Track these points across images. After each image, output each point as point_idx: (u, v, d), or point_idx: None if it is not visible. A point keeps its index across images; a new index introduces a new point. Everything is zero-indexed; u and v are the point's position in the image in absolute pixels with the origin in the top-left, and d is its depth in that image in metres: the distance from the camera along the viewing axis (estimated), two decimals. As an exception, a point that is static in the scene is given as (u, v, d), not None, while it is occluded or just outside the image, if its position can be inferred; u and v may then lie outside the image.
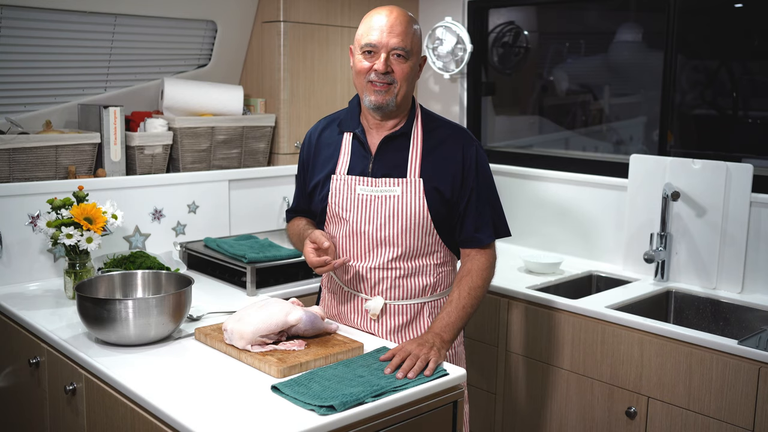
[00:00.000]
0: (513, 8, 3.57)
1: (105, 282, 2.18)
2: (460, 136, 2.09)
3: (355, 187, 2.07)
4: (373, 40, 1.99)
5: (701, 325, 2.67)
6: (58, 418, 2.10)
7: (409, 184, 2.03)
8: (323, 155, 2.16)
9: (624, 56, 3.40)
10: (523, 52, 3.64)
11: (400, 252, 2.05)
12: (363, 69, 2.02)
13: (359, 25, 2.06)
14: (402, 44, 1.99)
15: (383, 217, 2.04)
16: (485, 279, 2.07)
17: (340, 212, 2.10)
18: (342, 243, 2.11)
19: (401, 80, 2.02)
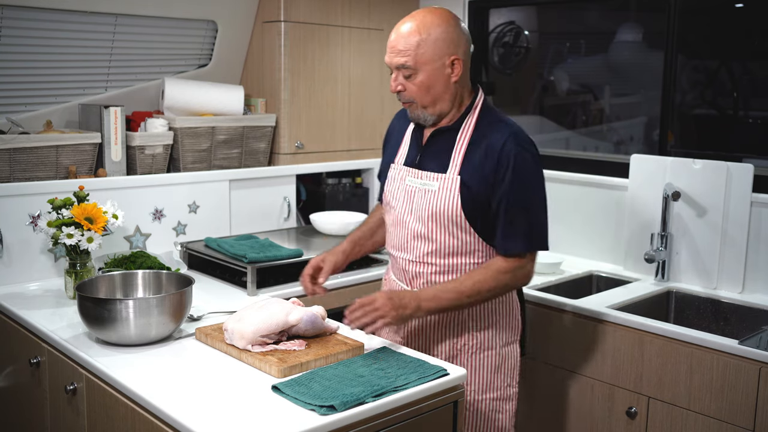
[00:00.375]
0: (513, 8, 3.57)
1: (105, 282, 2.18)
2: (506, 136, 1.98)
3: (405, 177, 2.11)
4: (386, 60, 2.04)
5: (702, 325, 2.67)
6: (59, 418, 2.10)
7: (446, 180, 2.01)
8: (392, 142, 2.23)
9: (624, 56, 3.40)
10: (523, 52, 3.64)
11: (435, 247, 2.04)
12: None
13: None
14: (403, 61, 1.97)
15: (422, 210, 2.04)
16: (498, 281, 1.98)
17: (391, 200, 2.14)
18: (390, 231, 2.16)
19: (418, 96, 2.00)
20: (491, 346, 2.10)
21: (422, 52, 1.95)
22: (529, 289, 2.75)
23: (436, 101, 2.01)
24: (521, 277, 2.03)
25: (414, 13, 2.01)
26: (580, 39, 3.58)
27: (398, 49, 1.97)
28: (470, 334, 2.08)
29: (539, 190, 2.03)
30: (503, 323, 2.12)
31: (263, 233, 3.08)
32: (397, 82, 2.01)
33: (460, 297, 1.96)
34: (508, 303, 2.14)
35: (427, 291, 1.98)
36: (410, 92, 2.00)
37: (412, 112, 2.06)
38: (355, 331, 2.08)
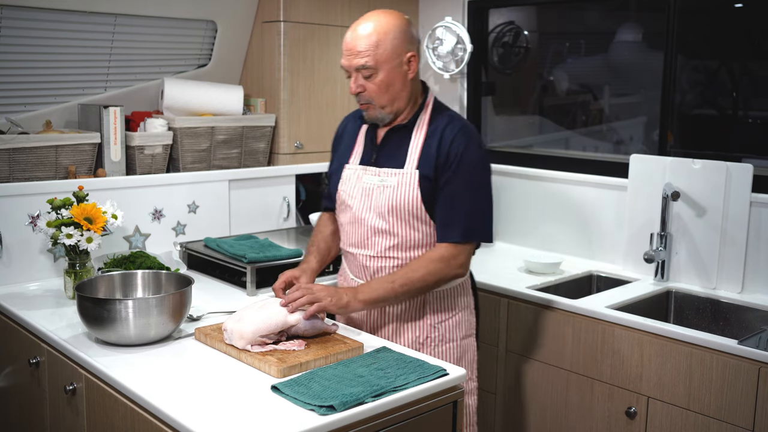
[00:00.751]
0: (513, 8, 3.57)
1: (105, 282, 2.18)
2: (456, 130, 2.08)
3: (362, 176, 2.15)
4: (342, 64, 2.09)
5: (701, 325, 2.67)
6: (58, 418, 2.10)
7: (405, 175, 2.08)
8: (343, 146, 2.27)
9: (624, 56, 3.40)
10: (523, 52, 3.64)
11: (397, 241, 2.10)
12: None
13: None
14: (363, 62, 2.03)
15: (381, 206, 2.10)
16: (428, 269, 2.02)
17: (346, 199, 2.18)
18: (347, 230, 2.20)
19: (377, 95, 2.06)
20: (452, 338, 2.18)
21: (382, 51, 2.02)
22: (529, 289, 2.75)
23: (394, 100, 2.08)
24: (455, 267, 2.06)
25: (367, 15, 2.08)
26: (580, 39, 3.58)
27: (357, 50, 2.03)
28: (432, 327, 2.16)
29: (483, 184, 2.11)
30: (461, 316, 2.20)
31: (263, 233, 3.08)
32: (357, 84, 2.07)
33: (393, 285, 2.02)
34: (465, 294, 2.22)
35: (362, 284, 2.06)
36: (370, 92, 2.07)
37: (369, 113, 2.11)
38: (355, 331, 2.09)
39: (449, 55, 3.43)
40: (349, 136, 2.26)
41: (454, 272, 2.07)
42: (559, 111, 3.65)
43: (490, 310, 2.81)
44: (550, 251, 3.26)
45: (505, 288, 2.77)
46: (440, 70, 3.48)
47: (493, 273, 2.94)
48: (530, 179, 3.31)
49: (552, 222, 3.26)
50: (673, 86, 2.95)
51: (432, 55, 3.48)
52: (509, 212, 3.39)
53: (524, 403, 2.76)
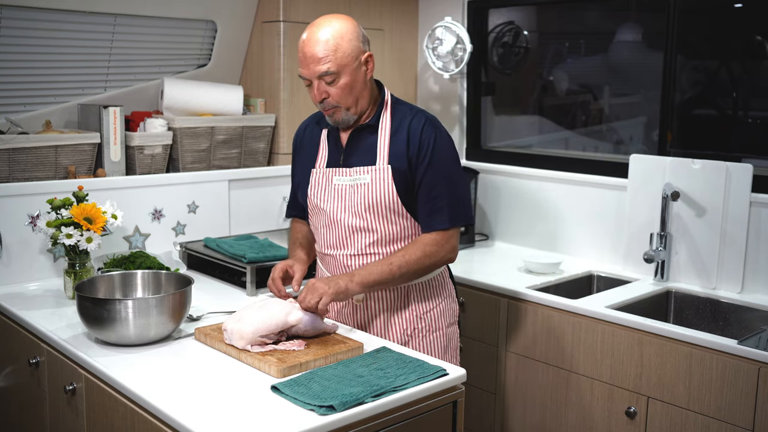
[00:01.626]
0: (513, 8, 3.57)
1: (105, 282, 2.18)
2: (421, 119, 2.13)
3: (331, 178, 2.17)
4: (302, 74, 2.09)
5: (701, 325, 2.67)
6: (58, 418, 2.10)
7: (378, 171, 2.10)
8: (306, 153, 2.29)
9: (624, 56, 3.40)
10: (523, 52, 3.64)
11: (376, 237, 2.13)
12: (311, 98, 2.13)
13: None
14: (325, 68, 2.04)
15: (356, 205, 2.12)
16: (425, 252, 2.09)
17: (319, 203, 2.20)
18: (322, 233, 2.22)
19: (342, 98, 2.08)
20: (438, 327, 2.23)
21: (341, 55, 2.04)
22: (529, 289, 2.75)
23: (357, 100, 2.11)
24: (448, 250, 2.13)
25: (317, 22, 2.09)
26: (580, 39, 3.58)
27: (318, 57, 2.03)
28: (418, 317, 2.19)
29: (457, 170, 2.16)
30: (446, 304, 2.25)
31: (262, 233, 3.08)
32: (321, 90, 2.08)
33: (391, 267, 2.06)
34: (446, 283, 2.27)
35: (361, 268, 2.09)
36: (334, 97, 2.08)
37: (335, 117, 2.13)
38: (355, 331, 2.10)
39: (449, 55, 3.43)
40: (310, 143, 2.27)
41: (448, 255, 2.13)
42: (559, 111, 3.64)
43: (490, 310, 2.81)
44: (550, 251, 3.26)
45: (505, 288, 2.77)
46: (440, 70, 3.48)
47: (493, 273, 2.94)
48: (530, 179, 3.31)
49: (552, 222, 3.26)
50: (673, 86, 2.95)
51: (432, 55, 3.48)
52: (509, 212, 3.39)
53: (524, 403, 2.76)
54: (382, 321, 2.19)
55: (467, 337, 2.89)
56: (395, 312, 2.19)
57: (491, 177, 3.45)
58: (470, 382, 2.84)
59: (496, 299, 2.79)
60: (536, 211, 3.31)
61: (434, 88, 3.66)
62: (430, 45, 3.47)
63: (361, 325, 2.21)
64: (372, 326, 2.20)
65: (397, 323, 2.19)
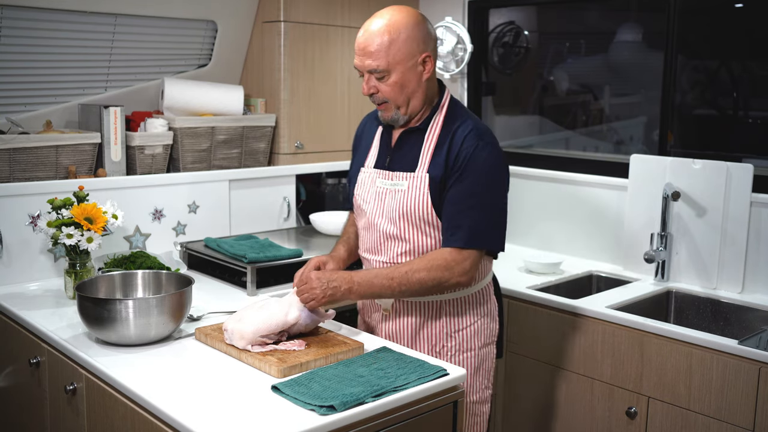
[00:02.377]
0: (513, 8, 3.57)
1: (105, 282, 2.18)
2: (467, 132, 1.99)
3: (375, 180, 2.10)
4: (355, 64, 2.02)
5: (701, 325, 2.67)
6: (58, 418, 2.10)
7: (415, 179, 2.01)
8: (361, 148, 2.22)
9: (624, 56, 3.40)
10: (523, 52, 3.64)
11: (409, 247, 2.04)
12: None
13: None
14: (375, 65, 1.96)
15: (392, 211, 2.04)
16: (430, 273, 1.94)
17: (361, 204, 2.14)
18: (362, 235, 2.16)
19: (391, 96, 2.00)
20: (470, 348, 2.11)
21: (395, 52, 1.95)
22: (529, 289, 2.75)
23: (409, 100, 2.01)
24: (458, 274, 1.96)
25: (381, 12, 1.99)
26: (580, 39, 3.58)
27: (369, 51, 1.96)
28: (448, 336, 2.09)
29: (494, 189, 2.00)
30: (481, 323, 2.12)
31: (263, 233, 3.08)
32: (370, 85, 2.00)
33: (391, 284, 1.96)
34: (485, 302, 2.14)
35: (362, 274, 1.99)
36: (384, 93, 2.00)
37: (385, 113, 2.05)
38: (355, 331, 2.10)
39: (449, 55, 3.43)
40: (367, 138, 2.20)
41: (456, 279, 1.96)
42: (559, 111, 3.65)
43: (490, 310, 2.81)
44: (550, 251, 3.26)
45: (505, 288, 2.76)
46: (440, 70, 3.48)
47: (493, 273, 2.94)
48: (530, 179, 3.31)
49: (552, 222, 3.26)
50: (673, 86, 2.95)
51: (432, 55, 3.48)
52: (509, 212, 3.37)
53: (524, 403, 2.76)
54: (409, 334, 2.11)
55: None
56: (424, 327, 2.09)
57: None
58: (470, 382, 2.84)
59: (496, 299, 2.79)
60: (536, 211, 3.31)
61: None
62: (431, 45, 3.47)
63: (389, 335, 2.14)
64: (400, 338, 2.12)
65: (425, 339, 2.10)
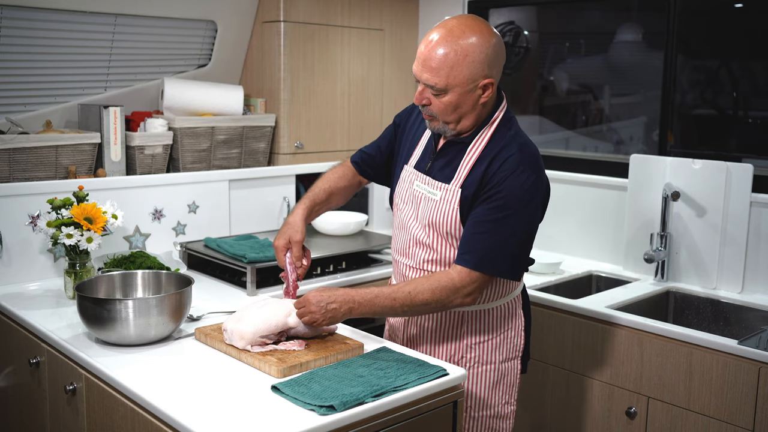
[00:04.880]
0: (513, 8, 3.57)
1: (105, 282, 2.18)
2: (512, 149, 1.90)
3: (414, 182, 2.05)
4: (414, 69, 1.91)
5: (701, 325, 2.67)
6: (58, 418, 2.10)
7: (448, 192, 1.95)
8: (410, 136, 2.13)
9: (624, 56, 3.40)
10: (523, 52, 3.64)
11: (436, 256, 2.00)
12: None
13: None
14: (433, 81, 1.85)
15: (424, 218, 2.00)
16: (434, 295, 1.88)
17: (399, 202, 2.10)
18: (395, 234, 2.13)
19: (442, 114, 1.90)
20: (490, 361, 2.05)
21: (456, 74, 1.84)
22: (529, 289, 2.74)
23: (460, 119, 1.92)
24: (462, 296, 1.89)
25: (452, 27, 1.86)
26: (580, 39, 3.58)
27: (431, 66, 1.84)
28: (468, 347, 2.05)
29: (519, 219, 1.89)
30: (504, 337, 2.07)
31: (263, 233, 3.08)
32: (423, 96, 1.90)
33: (393, 304, 1.89)
34: (510, 316, 2.08)
35: (362, 294, 1.90)
36: (435, 108, 1.90)
37: (432, 125, 1.96)
38: (355, 332, 2.09)
39: (449, 55, 3.42)
40: (417, 131, 2.11)
41: (460, 302, 1.90)
42: (559, 111, 3.64)
43: (490, 310, 2.81)
44: (550, 251, 3.26)
45: (505, 288, 2.76)
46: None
47: (493, 273, 2.94)
48: (530, 179, 3.31)
49: (552, 222, 3.26)
50: (673, 86, 2.95)
51: (432, 55, 3.47)
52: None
53: (525, 404, 2.75)
54: (429, 342, 2.08)
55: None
56: (444, 336, 2.05)
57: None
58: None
59: (496, 299, 2.79)
60: (536, 211, 3.30)
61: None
62: (431, 45, 3.47)
63: (410, 339, 2.11)
64: (420, 344, 2.10)
65: (444, 348, 2.06)
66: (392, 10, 3.49)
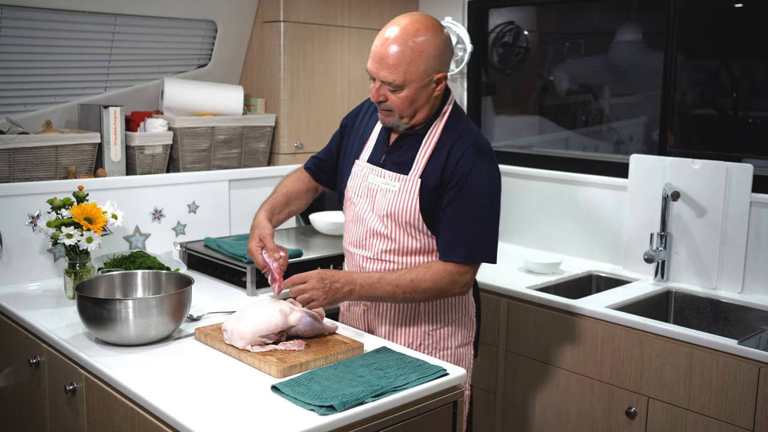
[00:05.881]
0: (513, 8, 3.57)
1: (105, 282, 2.18)
2: (466, 142, 2.01)
3: (368, 175, 2.11)
4: (369, 68, 1.99)
5: (701, 325, 2.67)
6: (58, 418, 2.10)
7: (407, 182, 2.03)
8: (358, 135, 2.20)
9: (624, 56, 3.40)
10: (523, 52, 3.64)
11: (395, 246, 2.08)
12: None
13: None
14: (390, 78, 1.93)
15: (381, 209, 2.07)
16: (436, 283, 1.98)
17: (352, 196, 2.15)
18: (349, 228, 2.18)
19: (399, 108, 1.99)
20: (446, 347, 2.14)
21: (412, 71, 1.93)
22: (529, 289, 2.75)
23: (416, 113, 2.01)
24: (460, 285, 2.01)
25: (406, 22, 1.95)
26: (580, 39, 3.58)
27: (388, 64, 1.93)
28: (426, 334, 2.13)
29: (489, 203, 2.01)
30: (458, 324, 2.16)
31: (263, 233, 3.08)
32: (380, 93, 1.98)
33: (395, 291, 1.97)
34: (463, 304, 2.17)
35: (364, 277, 1.98)
36: (392, 103, 1.98)
37: (387, 119, 2.04)
38: (355, 331, 2.10)
39: (449, 55, 3.43)
40: (366, 128, 2.18)
41: (458, 290, 2.02)
42: (559, 111, 3.65)
43: (490, 310, 2.81)
44: (550, 251, 3.26)
45: (505, 288, 2.77)
46: (440, 70, 3.48)
47: (493, 273, 2.94)
48: (530, 179, 3.31)
49: (552, 222, 3.26)
50: (673, 86, 2.95)
51: (432, 55, 3.48)
52: (509, 212, 3.39)
53: (524, 403, 2.76)
54: (387, 330, 2.15)
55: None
56: (402, 324, 2.13)
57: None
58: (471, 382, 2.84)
59: (496, 299, 2.79)
60: (536, 211, 3.31)
61: (434, 88, 3.66)
62: (431, 45, 3.47)
63: (366, 328, 2.19)
64: (377, 333, 2.16)
65: (402, 335, 2.13)
66: (392, 10, 3.49)
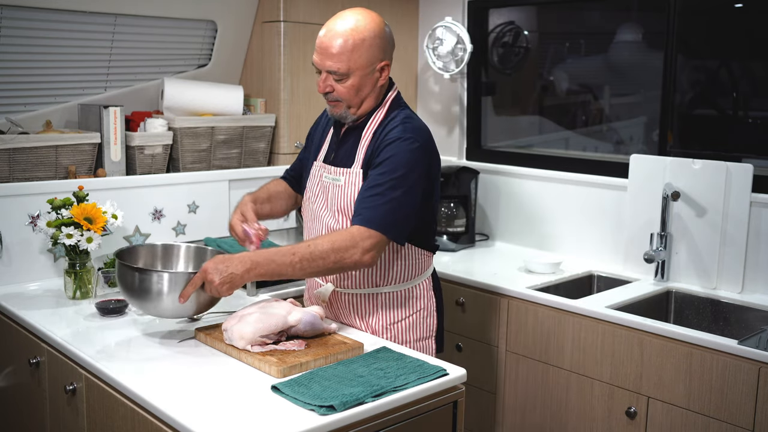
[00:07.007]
0: (513, 8, 3.57)
1: (145, 252, 2.16)
2: (397, 122, 2.04)
3: (322, 174, 2.16)
4: (314, 61, 2.06)
5: (701, 325, 2.67)
6: (58, 418, 2.10)
7: (351, 174, 2.07)
8: (317, 138, 2.27)
9: (624, 56, 3.40)
10: (523, 52, 3.64)
11: None
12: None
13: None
14: (335, 67, 2.00)
15: (333, 205, 2.10)
16: (334, 245, 1.90)
17: (310, 196, 2.20)
18: (308, 227, 2.21)
19: (346, 97, 2.04)
20: (406, 341, 2.15)
21: (356, 58, 2.00)
22: (529, 289, 2.75)
23: (362, 102, 2.07)
24: (361, 251, 1.92)
25: (347, 14, 2.05)
26: (580, 39, 3.58)
27: (332, 54, 2.00)
28: (384, 328, 2.13)
29: (402, 184, 1.96)
30: (417, 317, 2.16)
31: (263, 233, 3.08)
32: (326, 84, 2.04)
33: (293, 259, 1.90)
34: (421, 297, 2.17)
35: (261, 252, 1.93)
36: (339, 93, 2.04)
37: (335, 110, 2.09)
38: (355, 332, 2.10)
39: (449, 55, 3.43)
40: (324, 132, 2.25)
41: (359, 256, 1.92)
42: (559, 111, 3.64)
43: (490, 310, 2.81)
44: (550, 251, 3.26)
45: (505, 288, 2.77)
46: (440, 70, 3.48)
47: (494, 273, 2.94)
48: (530, 179, 3.31)
49: (552, 222, 3.26)
50: (673, 86, 2.95)
51: (432, 55, 3.48)
52: (509, 212, 3.39)
53: (524, 403, 2.76)
54: (347, 325, 2.15)
55: (468, 337, 2.89)
56: (361, 318, 2.14)
57: (491, 177, 3.45)
58: (470, 382, 2.84)
59: (496, 299, 2.79)
60: (537, 211, 3.31)
61: (434, 88, 3.66)
62: (431, 45, 3.47)
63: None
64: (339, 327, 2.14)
65: (362, 329, 2.13)
66: (392, 10, 3.49)
